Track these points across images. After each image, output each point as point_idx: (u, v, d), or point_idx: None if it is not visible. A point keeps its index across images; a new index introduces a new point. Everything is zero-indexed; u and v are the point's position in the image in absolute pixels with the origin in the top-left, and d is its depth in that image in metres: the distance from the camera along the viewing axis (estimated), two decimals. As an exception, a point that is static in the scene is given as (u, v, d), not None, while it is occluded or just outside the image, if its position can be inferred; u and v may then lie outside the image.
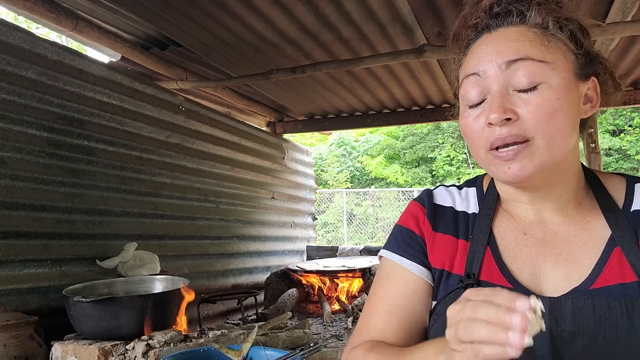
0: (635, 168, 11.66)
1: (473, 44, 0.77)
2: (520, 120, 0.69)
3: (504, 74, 0.71)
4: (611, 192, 0.78)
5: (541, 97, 0.69)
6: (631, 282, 0.70)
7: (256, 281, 3.63)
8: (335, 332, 2.60)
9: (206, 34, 2.65)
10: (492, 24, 0.75)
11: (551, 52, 0.71)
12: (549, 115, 0.69)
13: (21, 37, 2.02)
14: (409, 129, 14.97)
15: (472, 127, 0.74)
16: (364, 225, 14.11)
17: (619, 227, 0.74)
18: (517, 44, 0.72)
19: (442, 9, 2.42)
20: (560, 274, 0.74)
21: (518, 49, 0.71)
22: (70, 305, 1.73)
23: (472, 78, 0.74)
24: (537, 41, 0.72)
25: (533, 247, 0.77)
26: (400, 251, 0.83)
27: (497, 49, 0.72)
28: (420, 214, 0.85)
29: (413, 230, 0.84)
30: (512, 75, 0.70)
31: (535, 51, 0.71)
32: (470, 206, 0.85)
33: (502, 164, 0.71)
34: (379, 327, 0.80)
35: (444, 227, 0.83)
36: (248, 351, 1.46)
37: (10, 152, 1.95)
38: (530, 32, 0.72)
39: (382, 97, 3.87)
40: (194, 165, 3.07)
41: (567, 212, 0.78)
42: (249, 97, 3.95)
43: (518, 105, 0.70)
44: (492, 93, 0.71)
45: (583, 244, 0.75)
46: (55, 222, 2.12)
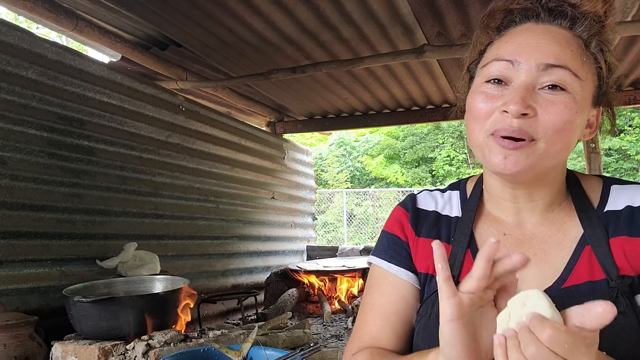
0: (635, 168, 11.66)
1: (515, 27, 0.75)
2: (535, 118, 0.70)
3: (538, 74, 0.70)
4: (588, 194, 0.80)
5: (564, 104, 0.69)
6: (600, 279, 0.72)
7: (256, 281, 3.63)
8: (335, 332, 2.60)
9: (206, 34, 2.65)
10: (542, 16, 0.74)
11: (585, 70, 0.72)
12: (563, 123, 0.70)
13: (21, 37, 2.02)
14: (409, 129, 14.97)
15: (482, 107, 0.73)
16: (364, 225, 14.11)
17: (591, 227, 0.76)
18: (560, 49, 0.71)
19: (442, 9, 2.42)
20: (536, 274, 0.76)
21: (559, 55, 0.70)
22: (70, 305, 1.73)
23: (504, 64, 0.73)
24: (578, 54, 0.71)
25: (512, 247, 0.78)
26: (388, 257, 0.85)
27: (541, 46, 0.71)
28: (404, 219, 0.87)
29: (399, 235, 0.86)
30: (545, 76, 0.70)
31: (574, 63, 0.70)
32: (453, 210, 0.87)
33: (500, 151, 0.71)
34: (373, 334, 0.81)
35: (427, 232, 0.85)
36: (248, 351, 1.46)
37: (11, 152, 1.95)
38: (574, 42, 0.72)
39: (382, 97, 3.87)
40: (194, 165, 3.07)
41: (546, 214, 0.80)
42: (249, 97, 3.96)
43: (540, 103, 0.70)
44: (518, 83, 0.71)
45: (557, 244, 0.78)
46: (56, 222, 2.12)
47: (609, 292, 0.71)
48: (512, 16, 0.76)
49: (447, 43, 2.73)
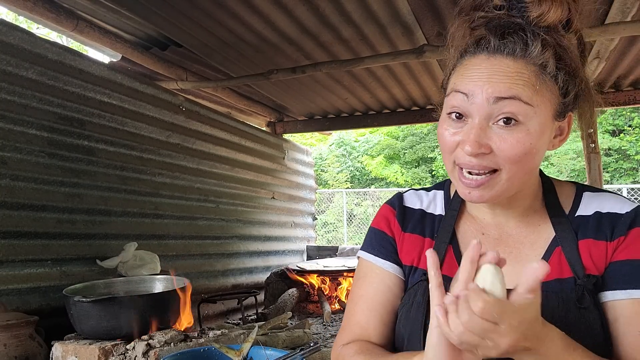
0: (635, 168, 11.66)
1: (470, 57, 0.78)
2: (493, 154, 0.74)
3: (489, 107, 0.73)
4: (562, 199, 0.85)
5: (516, 139, 0.73)
6: (567, 277, 0.78)
7: (256, 281, 3.63)
8: (335, 332, 2.60)
9: (206, 34, 2.65)
10: (492, 47, 0.76)
11: (540, 95, 0.74)
12: (519, 157, 0.74)
13: (21, 37, 2.02)
14: (409, 129, 14.96)
15: (447, 141, 0.78)
16: (364, 225, 14.10)
17: (562, 230, 0.82)
18: (511, 80, 0.73)
19: (442, 9, 2.42)
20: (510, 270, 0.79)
21: (510, 87, 0.73)
22: (70, 305, 1.73)
23: (460, 96, 0.77)
24: (530, 82, 0.73)
25: (489, 245, 0.85)
26: (375, 251, 0.91)
27: (492, 79, 0.74)
28: (391, 216, 0.93)
29: (385, 231, 0.92)
30: (497, 110, 0.73)
31: (525, 92, 0.73)
32: (437, 208, 0.93)
33: (464, 187, 0.77)
34: (361, 324, 0.88)
35: (412, 228, 0.91)
36: (248, 351, 1.46)
37: (11, 152, 1.95)
38: (527, 71, 0.74)
39: (382, 97, 3.88)
40: (194, 165, 3.07)
41: (522, 218, 0.85)
42: (249, 97, 3.96)
43: (493, 140, 0.74)
44: (472, 123, 0.75)
45: (531, 244, 0.83)
46: (56, 222, 2.12)
47: (576, 289, 0.76)
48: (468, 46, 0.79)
49: (445, 41, 2.73)
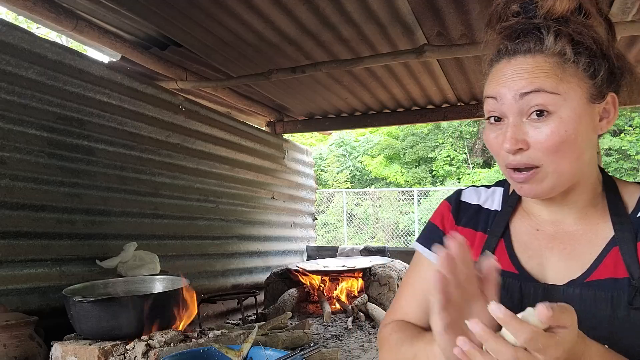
0: (636, 168, 11.67)
1: (495, 64, 0.82)
2: (531, 149, 0.76)
3: (517, 104, 0.76)
4: (625, 199, 0.84)
5: (550, 129, 0.75)
6: (622, 277, 0.77)
7: (256, 281, 3.62)
8: (335, 332, 2.60)
9: (206, 34, 2.65)
10: (510, 51, 0.80)
11: (565, 82, 0.76)
12: (557, 147, 0.75)
13: (21, 37, 2.02)
14: (409, 129, 14.96)
15: (493, 144, 0.82)
16: (364, 225, 14.11)
17: (622, 230, 0.81)
18: (531, 76, 0.76)
19: (442, 9, 2.42)
20: (563, 266, 0.82)
21: (532, 81, 0.76)
22: (70, 305, 1.73)
23: (492, 100, 0.80)
24: (552, 72, 0.76)
25: (543, 241, 0.85)
26: (425, 243, 0.96)
27: (514, 78, 0.77)
28: (446, 210, 0.97)
29: (437, 225, 0.97)
30: (526, 105, 0.76)
31: (548, 83, 0.75)
32: (494, 204, 0.95)
33: (515, 183, 0.80)
34: (404, 308, 0.95)
35: (466, 222, 0.94)
36: (248, 351, 1.46)
37: (11, 152, 1.95)
38: (546, 63, 0.76)
39: (382, 97, 3.87)
40: (194, 165, 3.07)
41: (581, 215, 0.85)
42: (249, 97, 3.95)
43: (529, 135, 0.76)
44: (508, 120, 0.78)
45: (588, 241, 0.83)
46: (55, 222, 2.12)
47: (629, 289, 0.76)
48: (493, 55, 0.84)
49: (447, 43, 2.72)
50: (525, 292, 0.82)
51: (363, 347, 2.33)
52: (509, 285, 0.83)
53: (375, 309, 2.85)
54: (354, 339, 2.50)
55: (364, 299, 3.01)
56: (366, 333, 2.60)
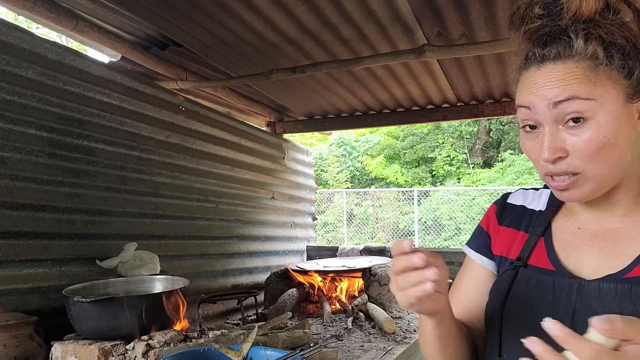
0: (636, 168, 11.65)
1: (524, 72, 0.81)
2: (570, 156, 0.76)
3: (552, 112, 0.75)
4: None
5: (587, 136, 0.74)
6: None
7: (256, 281, 3.63)
8: (335, 332, 2.60)
9: (206, 34, 2.65)
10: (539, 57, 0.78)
11: (599, 86, 0.74)
12: (596, 152, 0.74)
13: (21, 37, 2.02)
14: (409, 129, 14.96)
15: (530, 153, 0.83)
16: (364, 225, 14.11)
17: None
18: (563, 84, 0.74)
19: (442, 9, 2.42)
20: (602, 263, 0.81)
21: (565, 89, 0.74)
22: (70, 305, 1.73)
23: (525, 110, 0.79)
24: (585, 77, 0.74)
25: (584, 239, 0.85)
26: (473, 245, 1.02)
27: (545, 87, 0.76)
28: (492, 212, 1.01)
29: (483, 227, 1.01)
30: (560, 113, 0.75)
31: (582, 89, 0.74)
32: (539, 205, 0.96)
33: (555, 191, 0.82)
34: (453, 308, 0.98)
35: (508, 222, 0.97)
36: (248, 351, 1.46)
37: (10, 152, 1.95)
38: (578, 69, 0.74)
39: (382, 97, 3.87)
40: (194, 165, 3.07)
41: (624, 213, 0.83)
42: (249, 97, 3.95)
43: (567, 142, 0.76)
44: (544, 129, 0.77)
45: (631, 239, 0.81)
46: (55, 222, 2.12)
47: None
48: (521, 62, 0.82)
49: (447, 43, 2.72)
50: (559, 287, 0.81)
51: (363, 347, 2.33)
52: (542, 280, 0.84)
53: (375, 309, 2.85)
54: (354, 339, 2.50)
55: (364, 299, 3.00)
56: (366, 333, 2.60)
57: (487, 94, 3.82)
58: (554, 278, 0.83)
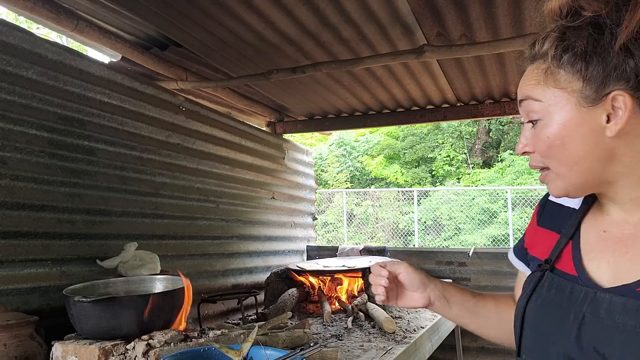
0: (635, 168, 11.65)
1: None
2: (535, 152, 0.82)
3: (522, 110, 0.83)
4: None
5: (539, 135, 0.80)
6: None
7: (256, 281, 3.63)
8: (335, 332, 2.60)
9: (206, 34, 2.66)
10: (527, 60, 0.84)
11: (552, 88, 0.78)
12: (546, 152, 0.80)
13: (21, 38, 2.02)
14: (409, 129, 14.97)
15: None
16: (364, 225, 14.11)
17: None
18: (525, 84, 0.82)
19: (442, 9, 2.42)
20: (621, 270, 0.79)
21: (524, 89, 0.81)
22: (70, 305, 1.73)
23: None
24: (542, 79, 0.79)
25: (608, 243, 0.84)
26: (515, 250, 1.08)
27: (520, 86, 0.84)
28: (534, 213, 1.02)
29: (526, 231, 1.05)
30: (524, 112, 0.82)
31: (536, 91, 0.79)
32: (574, 201, 0.94)
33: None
34: None
35: (545, 222, 0.98)
36: (248, 351, 1.46)
37: (11, 152, 1.95)
38: (538, 70, 0.80)
39: (382, 97, 3.88)
40: (194, 165, 3.07)
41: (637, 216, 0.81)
42: (249, 97, 3.96)
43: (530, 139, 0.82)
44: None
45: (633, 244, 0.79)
46: (56, 222, 2.12)
47: None
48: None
49: (447, 43, 2.73)
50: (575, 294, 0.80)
51: (363, 347, 2.33)
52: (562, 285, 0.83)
53: (375, 308, 2.85)
54: (354, 338, 2.50)
55: (364, 298, 3.01)
56: (366, 333, 2.60)
57: (487, 94, 3.82)
58: (572, 284, 0.82)
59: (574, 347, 0.76)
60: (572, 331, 0.77)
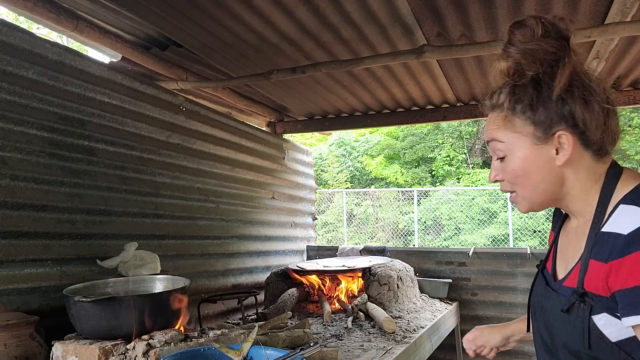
0: (635, 168, 11.67)
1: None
2: (504, 180, 1.04)
3: (490, 148, 1.04)
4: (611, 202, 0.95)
5: (506, 167, 1.01)
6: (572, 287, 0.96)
7: (256, 281, 3.63)
8: (335, 332, 2.60)
9: (206, 34, 2.66)
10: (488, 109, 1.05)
11: (511, 131, 0.99)
12: (514, 180, 1.01)
13: (22, 38, 2.02)
14: (408, 129, 14.96)
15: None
16: (364, 225, 14.11)
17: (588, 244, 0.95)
18: (489, 128, 1.03)
19: (442, 9, 2.42)
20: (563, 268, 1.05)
21: (489, 132, 1.03)
22: (70, 305, 1.73)
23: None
24: (501, 124, 1.00)
25: (566, 247, 1.08)
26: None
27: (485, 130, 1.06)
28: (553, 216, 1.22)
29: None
30: (491, 149, 1.04)
31: (499, 134, 1.00)
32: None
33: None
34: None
35: (554, 225, 1.18)
36: (248, 351, 1.46)
37: (11, 152, 1.95)
38: (498, 118, 1.01)
39: (382, 97, 3.88)
40: (195, 165, 3.08)
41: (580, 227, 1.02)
42: (249, 97, 3.96)
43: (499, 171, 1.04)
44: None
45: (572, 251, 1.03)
46: (56, 222, 2.13)
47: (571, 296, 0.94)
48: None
49: (447, 43, 2.73)
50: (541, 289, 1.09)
51: (363, 347, 2.34)
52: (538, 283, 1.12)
53: (375, 308, 2.85)
54: (354, 338, 2.50)
55: (364, 298, 3.01)
56: (366, 333, 2.60)
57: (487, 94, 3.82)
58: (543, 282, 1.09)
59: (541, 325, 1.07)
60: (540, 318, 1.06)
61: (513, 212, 11.83)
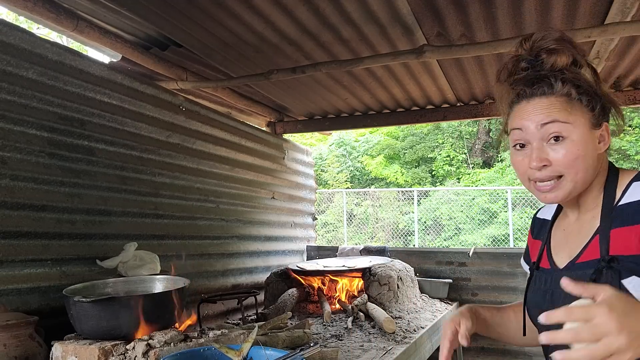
0: (635, 168, 11.66)
1: (516, 105, 1.10)
2: (553, 165, 1.03)
3: (539, 132, 1.03)
4: (617, 190, 1.06)
5: (565, 149, 1.02)
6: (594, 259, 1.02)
7: (256, 281, 3.63)
8: (335, 332, 2.60)
9: (206, 34, 2.66)
10: (528, 94, 1.07)
11: (573, 114, 1.03)
12: (572, 161, 1.02)
13: (22, 38, 2.02)
14: (409, 129, 14.96)
15: (519, 166, 1.10)
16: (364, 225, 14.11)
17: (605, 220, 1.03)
18: (547, 111, 1.03)
19: (442, 9, 2.42)
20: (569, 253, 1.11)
21: (549, 114, 1.03)
22: (70, 305, 1.73)
23: (517, 131, 1.08)
24: (563, 107, 1.03)
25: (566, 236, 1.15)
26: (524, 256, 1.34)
27: (535, 114, 1.05)
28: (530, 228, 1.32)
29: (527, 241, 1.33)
30: (545, 132, 1.03)
31: (561, 115, 1.02)
32: (550, 214, 1.24)
33: (539, 193, 1.08)
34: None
35: (536, 234, 1.28)
36: (248, 351, 1.46)
37: (11, 152, 1.95)
38: (557, 101, 1.04)
39: (382, 97, 3.88)
40: (194, 165, 3.07)
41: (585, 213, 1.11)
42: (249, 97, 3.96)
43: (550, 155, 1.03)
44: (532, 145, 1.05)
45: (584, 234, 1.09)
46: (56, 222, 2.12)
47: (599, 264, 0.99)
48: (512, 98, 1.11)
49: (447, 43, 2.73)
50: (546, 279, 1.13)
51: (363, 347, 2.33)
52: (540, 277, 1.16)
53: (375, 308, 2.85)
54: (354, 338, 2.50)
55: (364, 298, 3.01)
56: (366, 333, 2.60)
57: (487, 94, 3.82)
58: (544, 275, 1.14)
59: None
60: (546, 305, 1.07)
61: (513, 212, 11.83)
